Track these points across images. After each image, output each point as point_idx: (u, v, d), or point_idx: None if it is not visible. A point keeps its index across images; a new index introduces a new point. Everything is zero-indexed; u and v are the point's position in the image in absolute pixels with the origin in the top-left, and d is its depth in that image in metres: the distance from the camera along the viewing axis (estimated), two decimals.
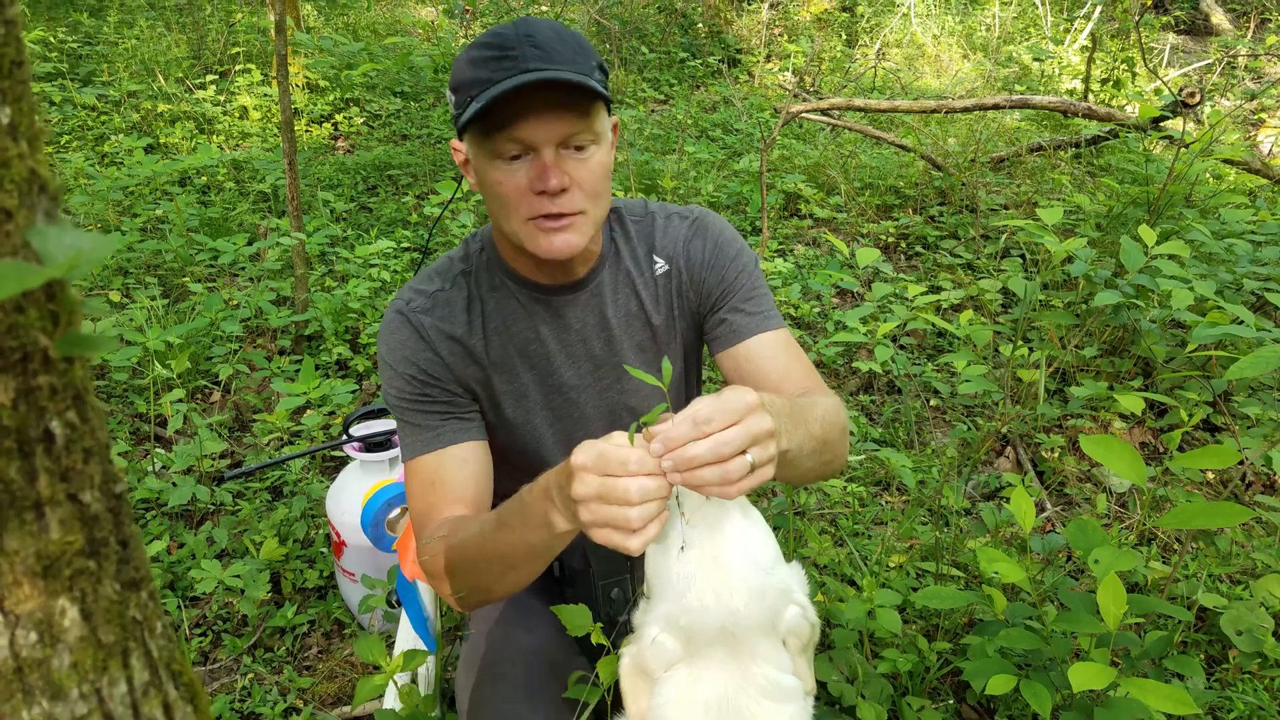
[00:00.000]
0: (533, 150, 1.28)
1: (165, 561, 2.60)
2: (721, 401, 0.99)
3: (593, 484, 0.99)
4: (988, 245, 4.61)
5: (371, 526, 2.06)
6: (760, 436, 1.00)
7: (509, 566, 1.23)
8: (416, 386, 1.45)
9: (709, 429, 0.98)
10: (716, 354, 1.55)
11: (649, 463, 0.98)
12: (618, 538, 0.99)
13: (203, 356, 3.34)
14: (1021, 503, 1.82)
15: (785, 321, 1.60)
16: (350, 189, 4.84)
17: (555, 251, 1.34)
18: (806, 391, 1.41)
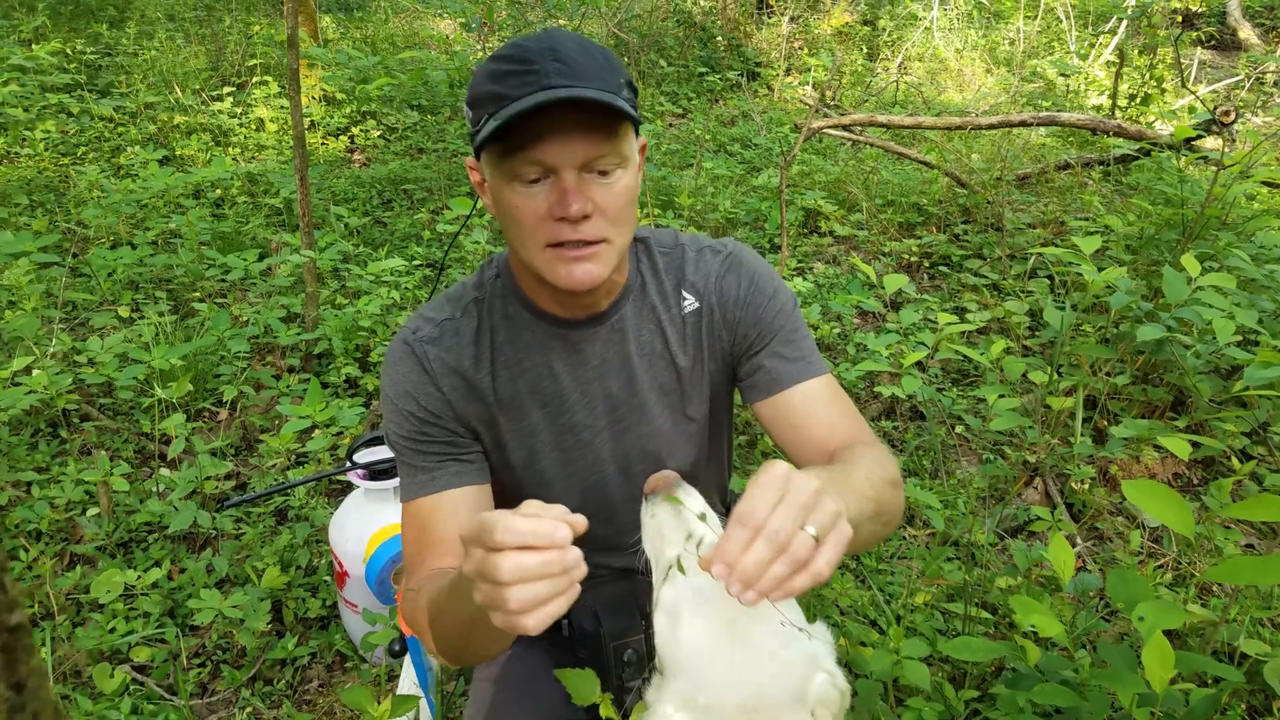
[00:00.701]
0: (553, 173, 1.19)
1: (165, 588, 2.53)
2: (758, 487, 0.87)
3: (474, 558, 0.88)
4: (1014, 265, 4.49)
5: (377, 584, 1.97)
6: (809, 504, 0.87)
7: (466, 636, 1.14)
8: (415, 424, 1.36)
9: (757, 521, 0.85)
10: (754, 403, 1.46)
11: (526, 533, 0.85)
12: (499, 619, 0.87)
13: (210, 374, 3.28)
14: (1061, 552, 1.71)
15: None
16: (365, 203, 4.78)
17: (575, 283, 1.24)
18: (851, 444, 1.32)
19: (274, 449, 2.71)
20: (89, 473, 2.69)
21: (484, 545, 0.86)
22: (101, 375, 2.97)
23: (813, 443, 1.39)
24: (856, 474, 1.15)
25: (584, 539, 1.52)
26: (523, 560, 0.85)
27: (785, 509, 0.85)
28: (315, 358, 3.46)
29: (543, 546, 0.85)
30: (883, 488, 1.18)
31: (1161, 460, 3.40)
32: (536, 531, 0.85)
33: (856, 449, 1.28)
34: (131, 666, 2.36)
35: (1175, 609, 1.65)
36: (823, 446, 1.38)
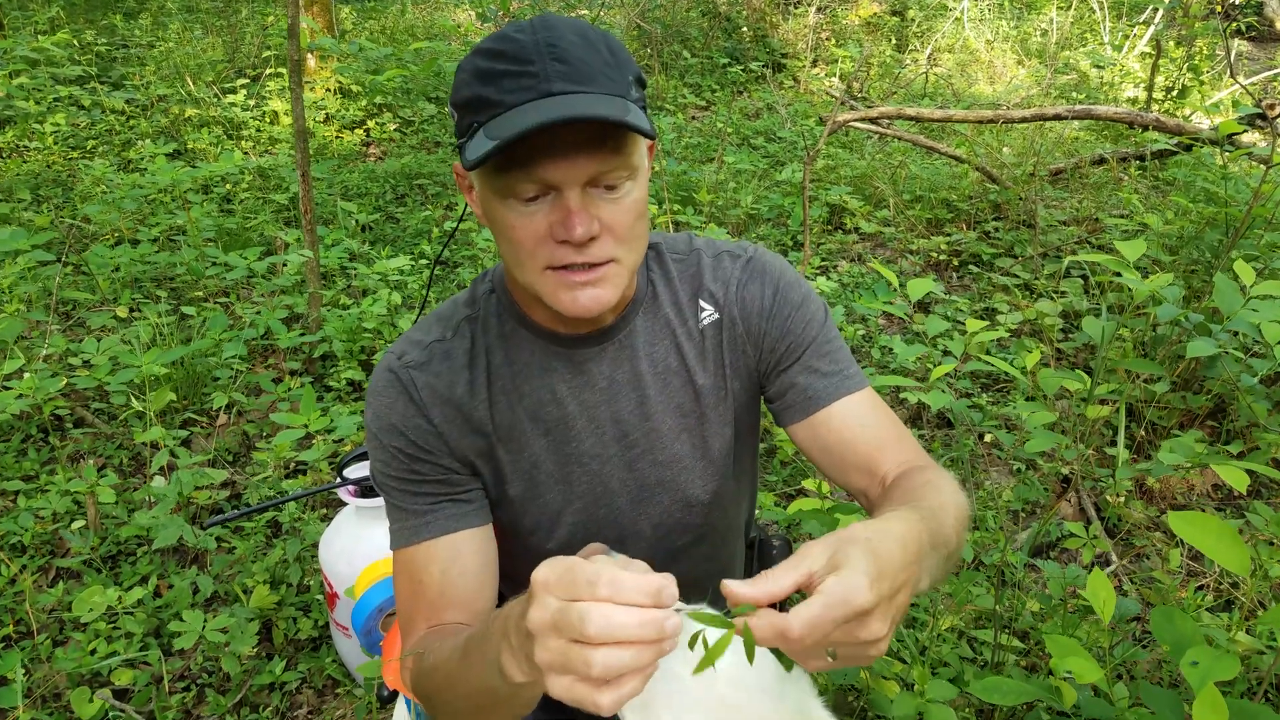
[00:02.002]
0: (554, 190, 1.04)
1: (149, 606, 2.42)
2: (828, 609, 0.74)
3: (551, 610, 0.74)
4: (1047, 265, 4.31)
5: (364, 634, 1.84)
6: (851, 638, 0.76)
7: (477, 710, 1.00)
8: (404, 462, 1.22)
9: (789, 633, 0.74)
10: (788, 425, 1.31)
11: (631, 587, 0.72)
12: (581, 690, 0.73)
13: (208, 378, 3.17)
14: (1100, 589, 1.56)
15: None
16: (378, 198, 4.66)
17: (580, 310, 1.10)
18: (910, 471, 1.18)
19: (268, 460, 2.59)
20: (76, 483, 2.59)
21: (574, 595, 0.72)
22: (94, 379, 2.87)
23: (858, 466, 1.25)
24: (947, 518, 1.02)
25: None
26: (617, 616, 0.71)
27: (819, 629, 0.73)
28: (320, 360, 3.35)
29: (644, 604, 0.72)
30: (963, 528, 1.06)
31: (1200, 471, 3.22)
32: (642, 587, 0.72)
33: (927, 483, 1.12)
34: (112, 690, 2.25)
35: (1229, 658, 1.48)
36: (869, 469, 1.24)
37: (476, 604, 1.22)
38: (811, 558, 0.78)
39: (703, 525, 1.37)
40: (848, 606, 0.73)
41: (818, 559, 0.77)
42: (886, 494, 1.18)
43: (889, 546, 0.80)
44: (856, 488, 1.27)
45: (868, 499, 1.26)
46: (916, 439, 1.31)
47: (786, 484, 3.03)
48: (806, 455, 1.31)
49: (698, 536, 1.38)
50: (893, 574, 0.77)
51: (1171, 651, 1.56)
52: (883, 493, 1.21)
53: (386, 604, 1.92)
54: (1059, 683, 1.74)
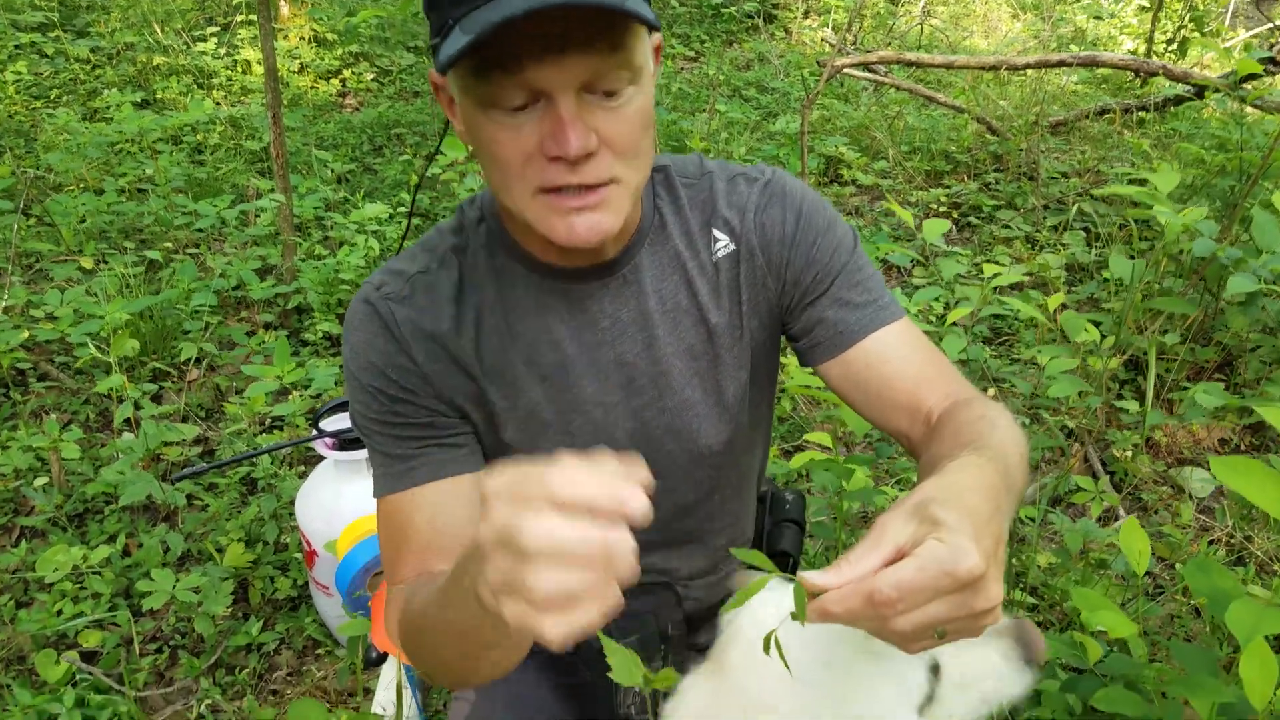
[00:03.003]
0: (544, 97, 0.90)
1: (117, 565, 2.29)
2: (921, 573, 0.66)
3: (497, 522, 0.62)
4: (1049, 216, 4.19)
5: (350, 595, 1.72)
6: (965, 612, 0.67)
7: (463, 652, 0.88)
8: (385, 403, 1.10)
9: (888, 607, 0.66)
10: (818, 364, 1.18)
11: (587, 491, 0.60)
12: (529, 616, 0.61)
13: (178, 330, 3.02)
14: (1134, 540, 1.45)
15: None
16: (354, 148, 4.48)
17: (577, 239, 0.96)
18: (963, 404, 1.07)
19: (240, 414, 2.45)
20: (38, 438, 2.45)
21: (521, 501, 0.61)
22: (57, 331, 2.71)
23: (900, 405, 1.13)
24: (1015, 457, 0.92)
25: None
26: (559, 530, 0.59)
27: (914, 595, 0.66)
28: (295, 313, 3.20)
29: (604, 510, 0.60)
30: (1025, 469, 0.96)
31: (1207, 426, 3.13)
32: (596, 492, 0.60)
33: (981, 418, 1.01)
34: (79, 653, 2.12)
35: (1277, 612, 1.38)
36: (912, 407, 1.12)
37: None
38: (893, 530, 0.69)
39: (714, 476, 1.25)
40: (952, 574, 0.65)
41: (901, 530, 0.69)
42: (935, 433, 1.06)
43: (973, 501, 0.71)
44: (898, 429, 1.15)
45: (910, 440, 1.14)
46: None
47: (785, 440, 2.92)
48: (840, 396, 1.19)
49: (709, 489, 1.26)
50: (988, 529, 0.69)
51: (1210, 605, 1.46)
52: (929, 432, 1.09)
53: (373, 564, 1.80)
54: (1082, 638, 1.64)
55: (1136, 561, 1.42)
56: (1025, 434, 1.01)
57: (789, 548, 1.46)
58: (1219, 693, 1.39)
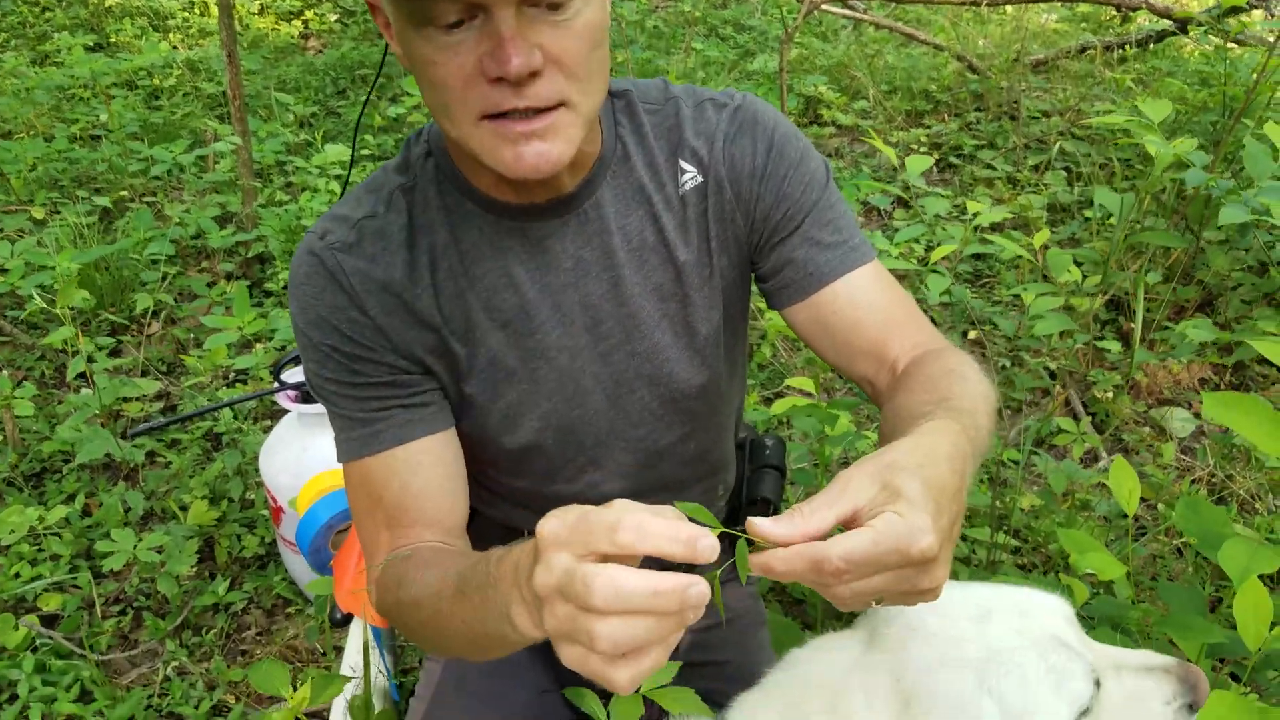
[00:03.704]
0: (481, 11, 0.82)
1: (77, 526, 2.22)
2: (874, 547, 0.64)
3: (557, 571, 0.60)
4: (1029, 156, 4.12)
5: (312, 553, 1.65)
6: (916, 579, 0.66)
7: (474, 647, 0.86)
8: (342, 362, 1.02)
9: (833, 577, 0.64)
10: (785, 306, 1.12)
11: (659, 534, 0.59)
12: (594, 664, 0.60)
13: (135, 282, 2.91)
14: (1125, 479, 1.41)
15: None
16: (316, 91, 4.33)
17: (526, 169, 0.88)
18: (932, 355, 1.03)
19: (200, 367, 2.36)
20: None
21: (586, 546, 0.60)
22: (7, 284, 2.60)
23: (866, 351, 1.08)
24: (983, 412, 0.89)
25: (572, 493, 1.15)
26: (627, 583, 0.58)
27: (863, 566, 0.64)
28: (258, 261, 3.09)
29: (676, 555, 0.59)
30: (992, 429, 0.92)
31: (1187, 366, 3.11)
32: (671, 535, 0.59)
33: (951, 372, 0.96)
34: (39, 617, 2.06)
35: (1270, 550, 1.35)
36: (878, 354, 1.07)
37: (448, 519, 1.05)
38: (854, 488, 0.66)
39: (689, 423, 1.19)
40: (906, 552, 0.63)
41: (863, 490, 0.66)
42: (901, 382, 1.02)
43: (941, 474, 0.69)
44: (862, 375, 1.10)
45: (874, 387, 1.10)
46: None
47: (765, 387, 2.86)
48: (805, 340, 1.14)
49: (683, 435, 1.19)
50: (949, 507, 0.68)
51: (1200, 545, 1.43)
52: (894, 380, 1.05)
53: (336, 520, 1.73)
54: (1068, 581, 1.61)
55: (1126, 502, 1.38)
56: (995, 389, 0.97)
57: (770, 494, 1.41)
58: (1209, 633, 1.36)
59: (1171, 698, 0.89)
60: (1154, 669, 0.91)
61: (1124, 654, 0.93)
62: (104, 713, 1.84)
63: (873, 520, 0.64)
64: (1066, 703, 0.82)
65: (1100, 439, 2.74)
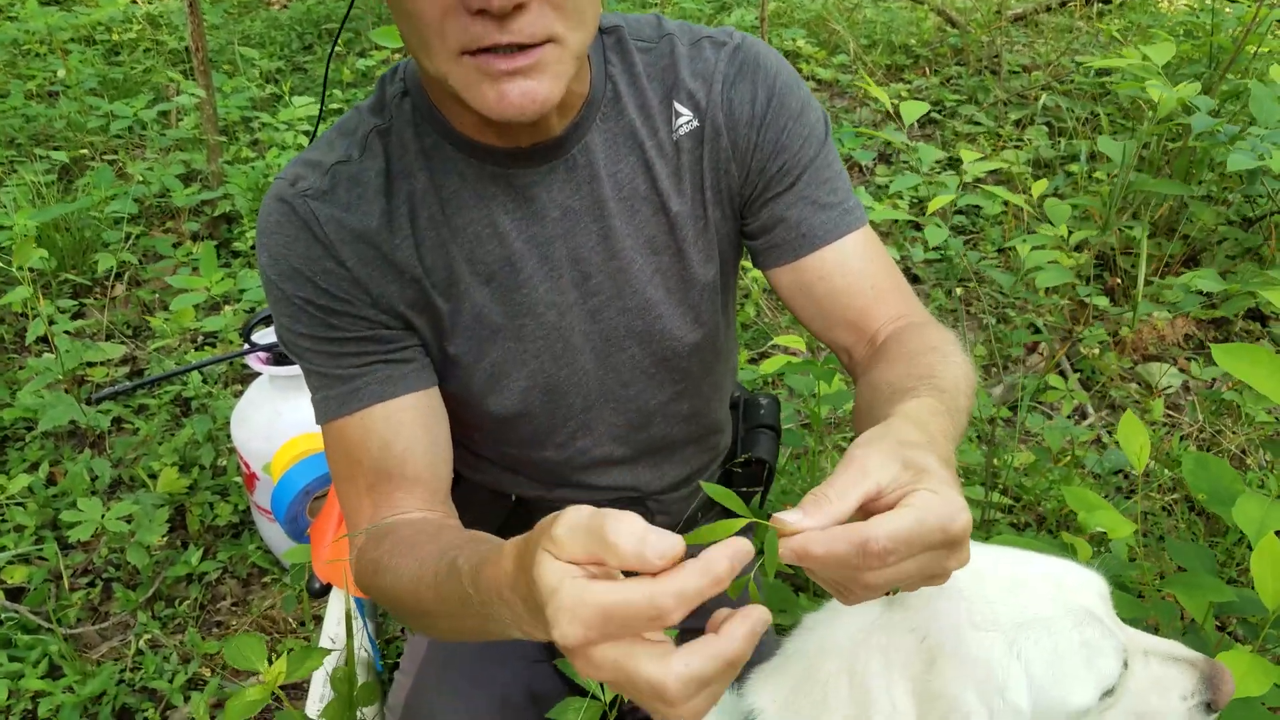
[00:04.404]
0: None
1: (41, 496, 2.13)
2: (920, 526, 0.60)
3: (607, 668, 0.54)
4: (1011, 111, 4.06)
5: (288, 521, 1.58)
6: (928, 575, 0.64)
7: (467, 638, 0.84)
8: (317, 316, 0.96)
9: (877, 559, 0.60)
10: (771, 268, 1.07)
11: (707, 587, 0.54)
12: (657, 707, 0.55)
13: (98, 243, 2.80)
14: (1134, 434, 1.36)
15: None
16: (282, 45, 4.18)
17: (511, 110, 0.81)
18: (913, 329, 0.99)
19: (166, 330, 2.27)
20: None
21: (622, 628, 0.54)
22: None
23: (847, 320, 1.04)
24: (963, 394, 0.87)
25: (562, 458, 1.13)
26: (703, 670, 0.53)
27: (908, 548, 0.60)
28: (224, 221, 2.98)
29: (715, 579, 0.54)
30: (970, 410, 0.89)
31: (1171, 321, 3.09)
32: (715, 578, 0.54)
33: (933, 349, 0.93)
34: (4, 590, 1.98)
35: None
36: (859, 324, 1.03)
37: (432, 483, 0.99)
38: (876, 468, 0.63)
39: (682, 381, 1.13)
40: (948, 529, 0.60)
41: (885, 469, 0.63)
42: (881, 355, 0.98)
43: (947, 452, 0.69)
44: (841, 344, 1.06)
45: (851, 357, 1.06)
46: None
47: (749, 347, 2.81)
48: (785, 301, 1.08)
49: (676, 394, 1.14)
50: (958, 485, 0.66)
51: (1209, 502, 1.40)
52: (873, 352, 1.01)
53: (313, 485, 1.66)
54: (1071, 539, 1.57)
55: (1136, 458, 1.34)
56: (973, 367, 0.94)
57: (765, 454, 1.36)
58: (1220, 592, 1.32)
59: (1191, 693, 0.87)
60: (1180, 660, 0.88)
61: (1152, 640, 0.90)
62: (74, 688, 1.77)
63: (908, 499, 0.61)
64: (1095, 679, 0.80)
65: (1087, 396, 2.72)
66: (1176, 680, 0.87)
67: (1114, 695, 0.82)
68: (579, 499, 0.66)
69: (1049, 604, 0.80)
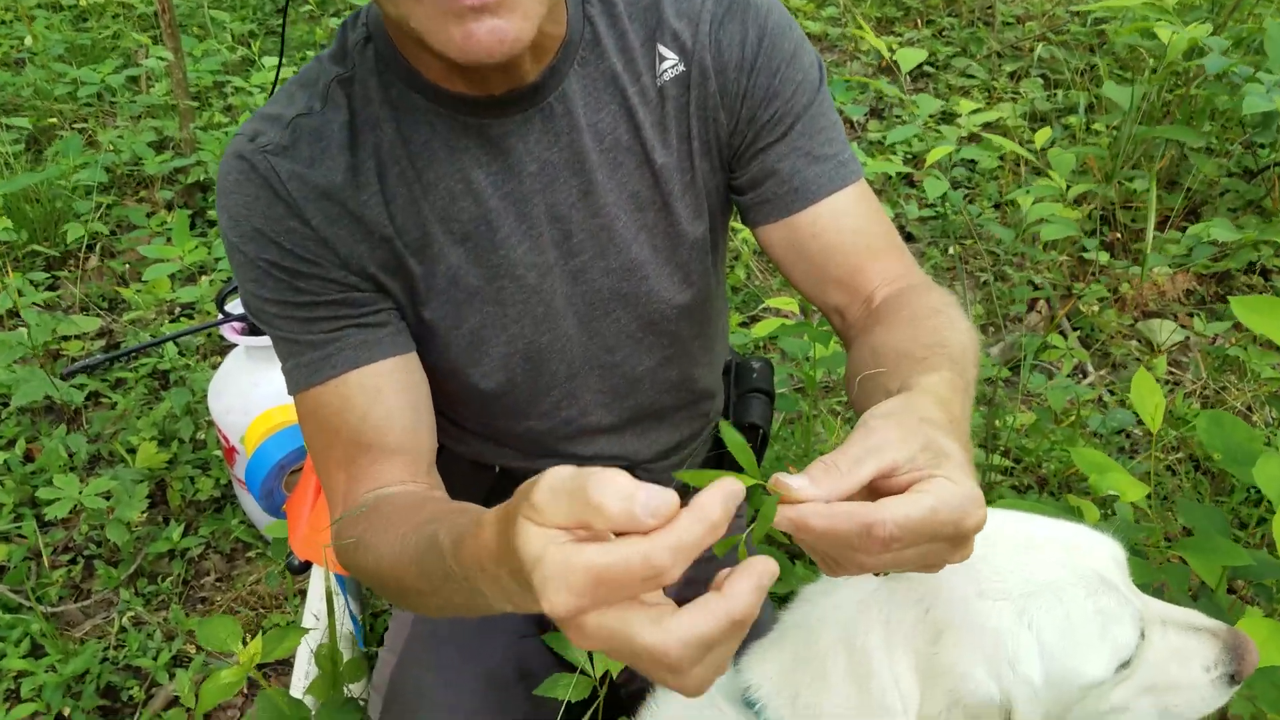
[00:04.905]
0: None
1: (19, 473, 2.07)
2: (933, 517, 0.57)
3: (600, 636, 0.49)
4: (1005, 64, 3.98)
5: (264, 496, 1.53)
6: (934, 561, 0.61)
7: (454, 613, 0.78)
8: (282, 279, 0.90)
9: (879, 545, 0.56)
10: (760, 224, 1.01)
11: (700, 538, 0.48)
12: (660, 676, 0.51)
13: (69, 214, 2.71)
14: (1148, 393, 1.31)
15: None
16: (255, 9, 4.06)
17: (478, 49, 0.74)
18: (912, 291, 0.95)
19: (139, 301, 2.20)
20: None
21: (614, 592, 0.48)
22: None
23: (840, 280, 0.98)
24: (971, 365, 0.81)
25: (546, 427, 1.09)
26: (706, 631, 0.48)
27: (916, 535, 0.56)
28: (195, 189, 2.89)
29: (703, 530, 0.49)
30: (977, 377, 0.85)
31: (1172, 276, 3.04)
32: (709, 525, 0.48)
33: (936, 313, 0.88)
34: None
35: None
36: (852, 284, 0.98)
37: (413, 452, 0.94)
38: (893, 443, 0.59)
39: (671, 347, 1.08)
40: (960, 524, 0.57)
41: (903, 446, 0.59)
42: (879, 317, 0.93)
43: (966, 437, 0.66)
44: (834, 304, 1.01)
45: (844, 319, 1.00)
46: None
47: (741, 310, 2.74)
48: (774, 260, 1.02)
49: (664, 359, 1.08)
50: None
51: (1226, 461, 1.35)
52: (869, 314, 0.96)
53: (288, 459, 1.60)
54: (1078, 502, 1.53)
55: (1150, 418, 1.29)
56: (975, 331, 0.91)
57: (758, 419, 1.31)
58: (1235, 555, 1.28)
59: (1213, 664, 0.83)
60: (1201, 630, 0.84)
61: (1170, 609, 0.86)
62: (56, 667, 1.72)
63: (924, 485, 0.57)
64: (1110, 650, 0.75)
65: (1087, 354, 2.67)
66: (1197, 651, 0.83)
67: (1130, 667, 0.78)
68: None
69: (1061, 570, 0.76)
